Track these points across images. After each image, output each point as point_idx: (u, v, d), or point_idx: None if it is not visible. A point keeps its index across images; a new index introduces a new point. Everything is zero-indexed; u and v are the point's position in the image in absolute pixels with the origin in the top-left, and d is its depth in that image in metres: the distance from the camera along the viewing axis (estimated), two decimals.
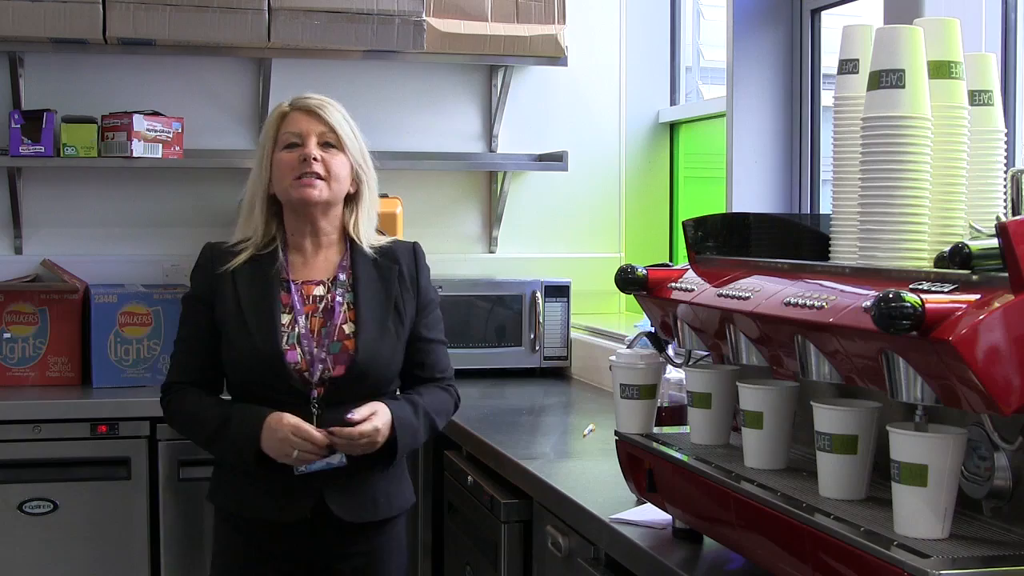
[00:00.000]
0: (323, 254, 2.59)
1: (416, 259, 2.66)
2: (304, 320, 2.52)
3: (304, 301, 2.54)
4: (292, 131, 2.54)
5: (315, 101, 2.57)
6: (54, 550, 3.42)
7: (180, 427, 2.64)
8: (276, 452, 2.42)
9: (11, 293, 3.72)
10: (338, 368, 2.50)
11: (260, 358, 2.48)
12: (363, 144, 2.61)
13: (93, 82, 3.98)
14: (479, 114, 4.32)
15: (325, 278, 2.57)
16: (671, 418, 2.63)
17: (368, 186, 2.61)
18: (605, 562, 2.23)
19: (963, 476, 1.57)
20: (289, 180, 2.51)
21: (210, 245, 2.63)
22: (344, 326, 2.52)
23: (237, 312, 2.52)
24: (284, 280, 2.54)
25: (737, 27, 3.47)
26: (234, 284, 2.54)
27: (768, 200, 3.50)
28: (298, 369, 2.48)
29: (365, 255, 2.58)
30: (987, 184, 1.79)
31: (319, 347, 2.50)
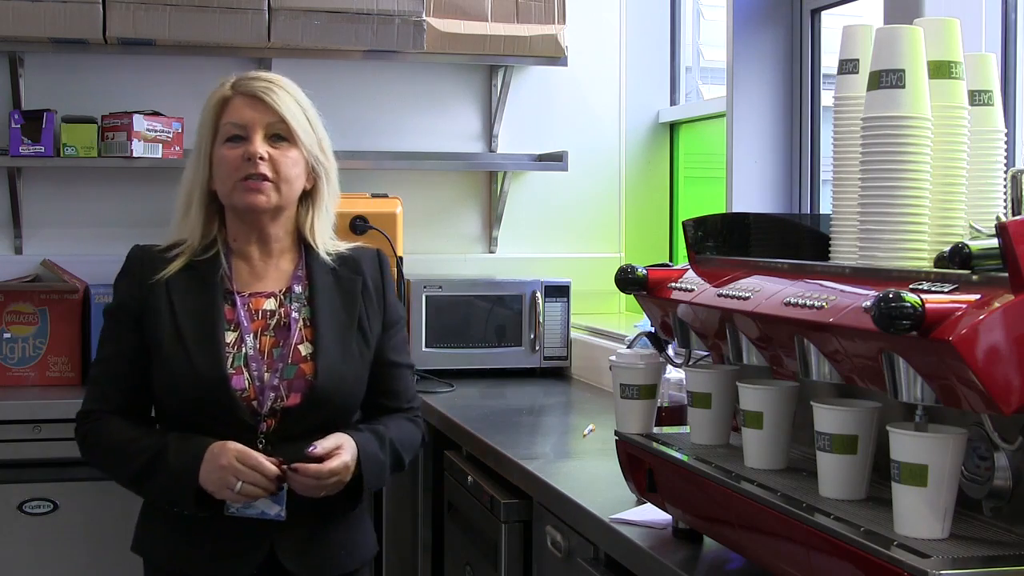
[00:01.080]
0: (273, 262, 2.24)
1: (382, 269, 2.31)
2: (252, 339, 2.15)
3: (252, 316, 2.18)
4: (234, 121, 2.17)
5: (260, 84, 2.20)
6: (54, 550, 3.42)
7: (100, 461, 2.25)
8: (216, 484, 2.05)
9: (11, 293, 3.72)
10: (292, 396, 2.14)
11: (200, 383, 2.11)
12: (320, 133, 2.25)
13: (93, 82, 3.98)
14: (479, 114, 4.32)
15: (277, 289, 2.22)
16: (671, 418, 2.63)
17: (327, 182, 2.25)
18: (605, 562, 2.23)
19: (963, 476, 1.57)
20: (232, 182, 2.16)
21: (139, 248, 2.28)
22: (300, 347, 2.17)
23: (172, 328, 2.15)
24: (228, 291, 2.19)
25: (737, 27, 3.47)
26: (168, 295, 2.17)
27: (768, 200, 3.50)
28: (245, 397, 2.12)
29: (322, 263, 2.24)
30: (987, 184, 1.79)
31: (270, 371, 2.14)
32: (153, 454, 2.13)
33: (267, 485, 2.06)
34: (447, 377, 3.84)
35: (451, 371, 3.89)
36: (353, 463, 2.13)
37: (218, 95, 2.22)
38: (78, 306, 3.75)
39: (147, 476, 2.14)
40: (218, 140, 2.20)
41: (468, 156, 4.30)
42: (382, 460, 2.20)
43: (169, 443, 2.12)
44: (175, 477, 2.10)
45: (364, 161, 4.13)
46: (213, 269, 2.20)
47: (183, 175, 2.28)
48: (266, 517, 2.10)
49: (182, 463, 2.09)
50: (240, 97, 2.20)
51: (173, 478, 2.10)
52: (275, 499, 2.09)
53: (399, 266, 3.70)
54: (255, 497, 2.07)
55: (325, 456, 2.08)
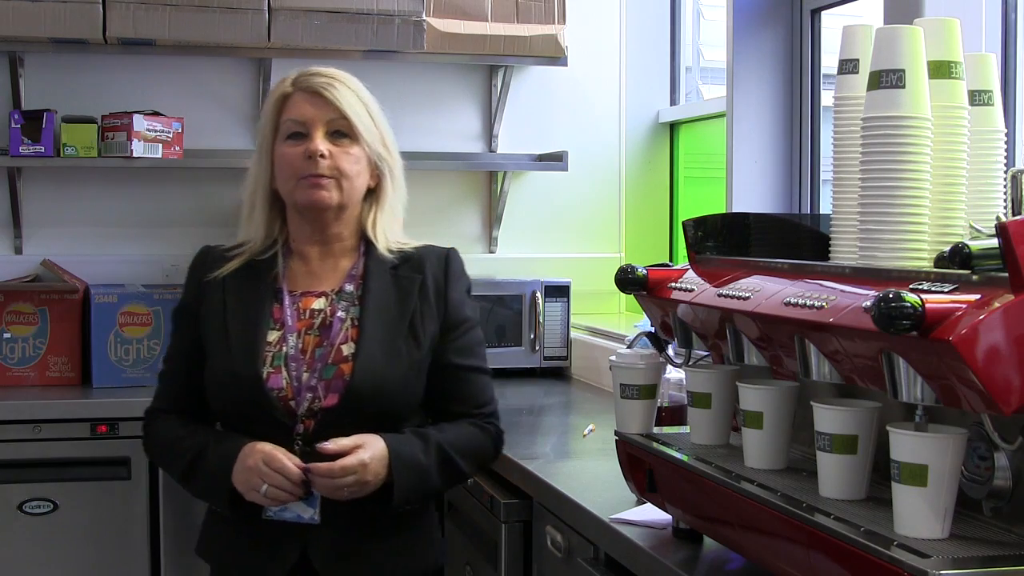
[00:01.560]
0: (332, 261, 2.20)
1: (447, 268, 2.21)
2: (295, 338, 2.11)
3: (299, 316, 2.14)
4: (295, 118, 2.13)
5: (322, 79, 2.15)
6: (54, 550, 3.42)
7: (158, 460, 2.28)
8: (243, 485, 2.03)
9: (11, 293, 3.72)
10: (330, 397, 2.08)
11: (236, 381, 2.09)
12: (383, 129, 2.19)
13: (93, 82, 3.98)
14: (479, 114, 4.32)
15: (329, 289, 2.17)
16: (671, 418, 2.63)
17: (391, 179, 2.21)
18: (605, 562, 2.23)
19: (963, 476, 1.57)
20: (294, 181, 2.12)
21: (206, 248, 2.28)
22: (343, 346, 2.11)
23: (220, 326, 2.14)
24: (278, 290, 2.16)
25: (737, 27, 3.47)
26: (223, 294, 2.16)
27: (768, 200, 3.50)
28: (282, 396, 2.08)
29: (382, 262, 2.17)
30: (987, 184, 1.79)
31: (309, 371, 2.09)
32: (196, 453, 2.11)
33: (292, 488, 2.01)
34: None
35: None
36: (376, 463, 2.04)
37: (278, 92, 2.18)
38: (78, 306, 3.75)
39: (191, 475, 2.13)
40: (279, 138, 2.15)
41: (468, 156, 4.30)
42: (422, 464, 2.09)
43: (209, 442, 2.11)
44: (212, 477, 2.08)
45: None
46: (269, 268, 2.18)
47: (247, 174, 2.23)
48: (301, 520, 2.06)
49: (218, 463, 2.07)
50: (300, 93, 2.15)
51: (210, 478, 2.09)
52: (309, 502, 2.06)
53: None
54: (281, 501, 2.03)
55: (336, 452, 2.01)
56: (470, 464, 2.18)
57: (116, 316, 3.68)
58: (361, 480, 2.03)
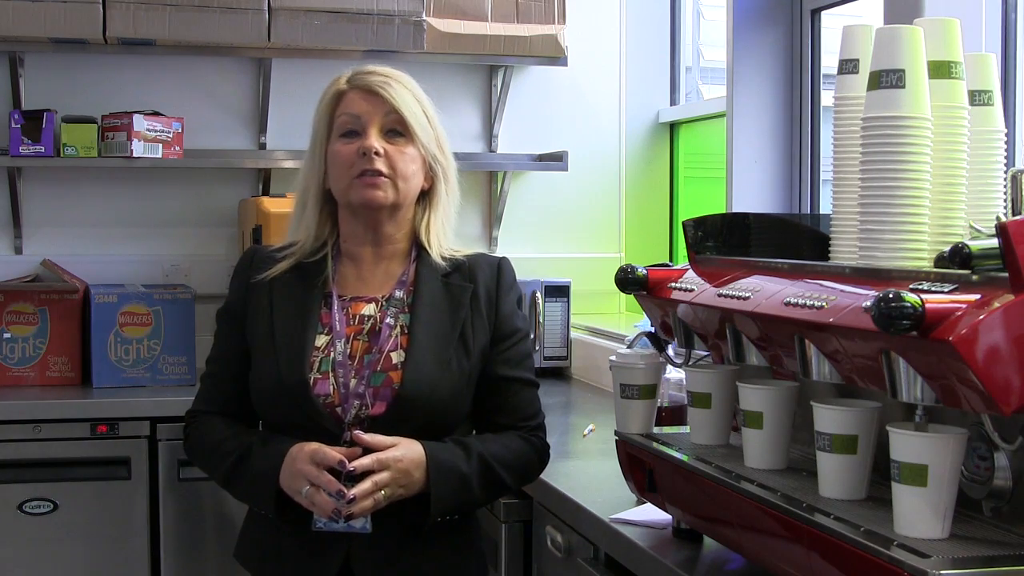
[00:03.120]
0: (384, 265, 2.13)
1: (500, 278, 2.16)
2: (343, 344, 2.05)
3: (349, 321, 2.08)
4: (350, 113, 2.07)
5: (378, 78, 2.09)
6: (54, 550, 3.42)
7: (200, 462, 2.17)
8: (290, 489, 1.96)
9: (11, 293, 3.72)
10: (378, 405, 2.01)
11: (282, 386, 2.03)
12: (439, 130, 2.14)
13: (93, 82, 3.98)
14: (479, 114, 4.32)
15: (380, 295, 2.11)
16: (671, 418, 2.63)
17: (445, 180, 2.17)
18: (605, 562, 2.23)
19: (963, 476, 1.57)
20: (348, 178, 2.05)
21: (253, 249, 2.21)
22: (393, 354, 2.04)
23: (267, 329, 2.07)
24: (327, 294, 2.09)
25: (737, 27, 3.47)
26: (270, 297, 2.10)
27: (768, 200, 3.50)
28: (328, 403, 2.01)
29: (434, 268, 2.12)
30: (987, 184, 1.79)
31: (357, 378, 2.03)
32: (240, 455, 2.05)
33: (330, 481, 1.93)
34: None
35: None
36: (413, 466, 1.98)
37: (333, 90, 2.13)
38: (78, 306, 3.75)
39: (235, 478, 2.06)
40: (333, 135, 2.09)
41: (468, 156, 4.29)
42: (463, 473, 2.01)
43: (255, 444, 2.04)
44: (257, 479, 2.02)
45: None
46: (319, 271, 2.11)
47: (299, 175, 2.16)
48: (352, 530, 1.99)
49: (264, 465, 2.00)
50: (355, 91, 2.10)
51: (255, 480, 2.02)
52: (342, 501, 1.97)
53: None
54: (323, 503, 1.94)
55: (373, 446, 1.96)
56: (513, 477, 2.11)
57: (116, 316, 3.68)
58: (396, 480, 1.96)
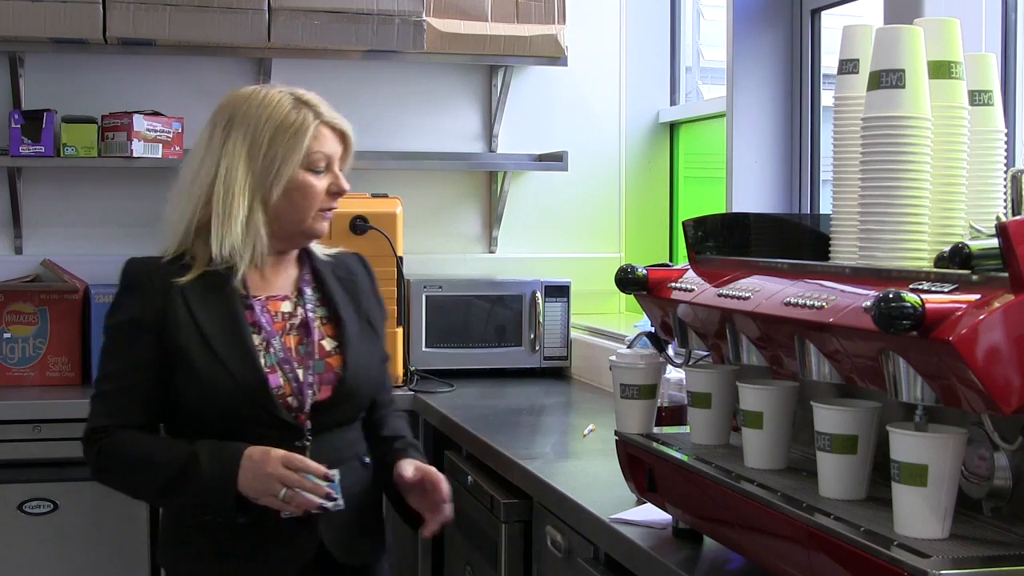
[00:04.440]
0: (281, 269, 2.26)
1: (368, 270, 2.39)
2: (278, 340, 2.18)
3: (273, 318, 2.21)
4: (325, 151, 2.19)
5: (347, 124, 2.24)
6: (54, 550, 3.42)
7: (121, 477, 2.18)
8: (258, 491, 2.04)
9: (11, 293, 3.72)
10: (324, 390, 2.18)
11: (239, 389, 2.11)
12: None
13: (93, 82, 3.98)
14: (479, 114, 4.32)
15: (288, 293, 2.25)
16: (671, 418, 2.63)
17: None
18: (605, 562, 2.23)
19: (963, 476, 1.57)
20: (312, 211, 2.19)
21: (141, 260, 2.21)
22: (323, 342, 2.22)
23: (198, 337, 2.12)
24: (243, 297, 2.18)
25: (737, 27, 3.47)
26: (187, 305, 2.15)
27: (768, 200, 3.50)
28: (282, 395, 2.14)
29: (326, 265, 2.31)
30: (987, 184, 1.79)
31: (303, 368, 2.18)
32: (183, 464, 2.08)
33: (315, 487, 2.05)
34: (447, 377, 3.84)
35: (451, 371, 3.89)
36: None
37: (306, 122, 2.18)
38: (78, 306, 3.75)
39: (179, 486, 2.09)
40: (303, 165, 2.17)
41: (468, 156, 4.30)
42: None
43: (199, 451, 2.08)
44: (211, 485, 2.06)
45: (364, 161, 4.09)
46: (227, 277, 2.17)
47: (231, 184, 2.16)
48: (324, 510, 2.07)
49: (218, 470, 2.06)
50: (328, 129, 2.20)
51: (209, 486, 2.07)
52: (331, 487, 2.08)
53: (399, 266, 3.70)
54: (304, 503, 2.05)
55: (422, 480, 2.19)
56: None
57: None
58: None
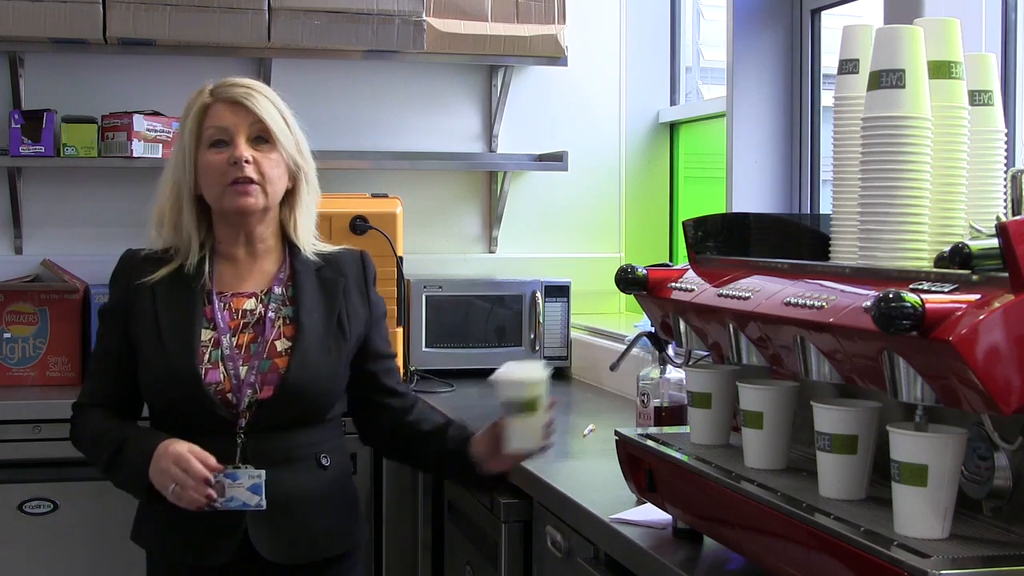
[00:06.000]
0: (258, 264, 2.30)
1: (365, 269, 2.38)
2: (229, 337, 2.22)
3: (232, 315, 2.25)
4: (218, 125, 2.23)
5: (240, 90, 2.26)
6: (54, 550, 3.42)
7: (83, 450, 2.33)
8: (158, 484, 2.12)
9: (11, 293, 3.72)
10: (266, 390, 2.20)
11: (175, 380, 2.19)
12: (298, 135, 2.30)
13: (93, 82, 3.98)
14: (479, 114, 4.32)
15: (258, 290, 2.28)
16: (671, 418, 2.63)
17: (306, 181, 2.32)
18: (605, 562, 2.23)
19: (963, 476, 1.57)
20: (221, 187, 2.22)
21: (129, 252, 2.36)
22: (277, 342, 2.24)
23: (153, 328, 2.23)
24: (208, 292, 2.25)
25: (737, 27, 3.47)
26: (153, 297, 2.25)
27: (768, 200, 3.50)
28: (220, 391, 2.19)
29: (307, 263, 2.31)
30: (987, 184, 1.79)
31: (247, 366, 2.21)
32: (116, 447, 2.19)
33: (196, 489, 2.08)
34: (447, 377, 3.84)
35: (451, 371, 3.89)
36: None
37: (199, 102, 2.28)
38: (78, 306, 3.75)
39: (112, 468, 2.22)
40: (202, 146, 2.26)
41: (468, 156, 4.30)
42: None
43: (129, 437, 2.20)
44: (130, 472, 2.17)
45: (364, 161, 4.13)
46: (198, 272, 2.27)
47: (161, 182, 2.32)
48: (247, 508, 2.15)
49: (136, 459, 2.15)
50: (221, 103, 2.26)
51: (129, 473, 2.18)
52: (254, 490, 2.15)
53: (399, 266, 3.70)
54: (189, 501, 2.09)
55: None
56: None
57: None
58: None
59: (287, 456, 2.22)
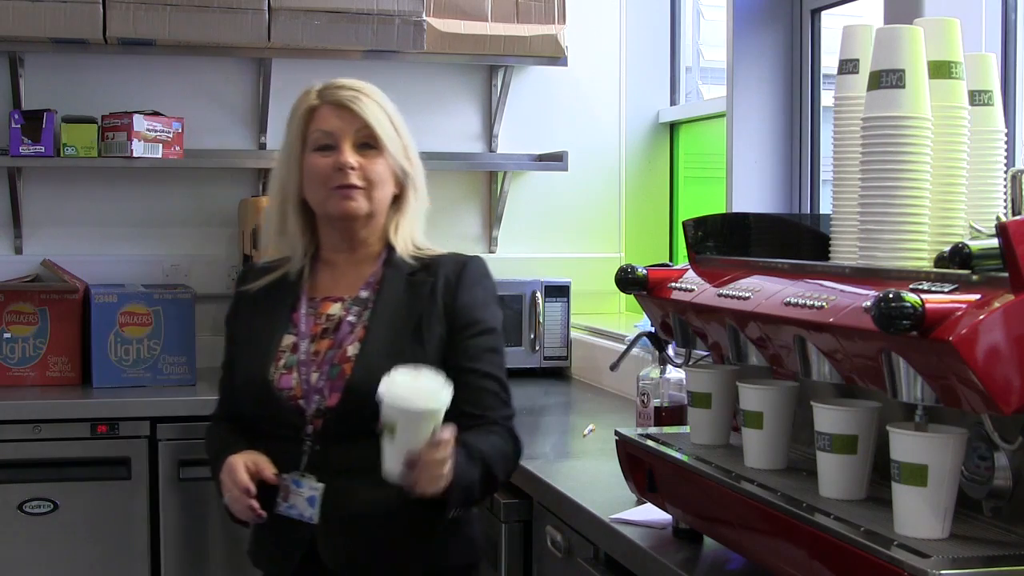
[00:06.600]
0: (356, 268, 2.24)
1: (462, 272, 2.21)
2: (308, 342, 2.17)
3: (317, 320, 2.20)
4: (323, 130, 2.18)
5: (347, 93, 2.21)
6: (54, 550, 3.42)
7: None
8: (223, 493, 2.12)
9: (11, 293, 3.72)
10: (333, 397, 2.12)
11: (249, 383, 2.18)
12: (406, 139, 2.24)
13: (93, 82, 3.98)
14: (479, 114, 4.32)
15: (347, 294, 2.22)
16: (671, 418, 2.63)
17: (413, 186, 2.25)
18: (605, 562, 2.23)
19: (963, 476, 1.57)
20: (325, 191, 2.16)
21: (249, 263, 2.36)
22: (350, 347, 2.15)
23: (245, 335, 2.25)
24: (297, 296, 2.22)
25: (737, 27, 3.47)
26: (253, 304, 2.25)
27: (768, 200, 3.50)
28: (291, 397, 2.14)
29: (400, 268, 2.21)
30: (987, 184, 1.79)
31: (318, 372, 2.14)
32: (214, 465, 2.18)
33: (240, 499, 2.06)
34: None
35: None
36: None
37: (305, 105, 2.22)
38: (78, 306, 3.75)
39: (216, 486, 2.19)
40: (307, 148, 2.19)
41: (468, 156, 4.29)
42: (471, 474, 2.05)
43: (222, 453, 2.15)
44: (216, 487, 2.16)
45: None
46: (298, 276, 2.24)
47: (270, 189, 2.28)
48: (302, 519, 2.11)
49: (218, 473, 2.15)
50: (327, 106, 2.20)
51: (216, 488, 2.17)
52: (310, 502, 2.11)
53: None
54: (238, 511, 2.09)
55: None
56: (502, 470, 2.15)
57: (116, 316, 3.68)
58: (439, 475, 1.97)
59: (358, 467, 2.08)
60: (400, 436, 1.93)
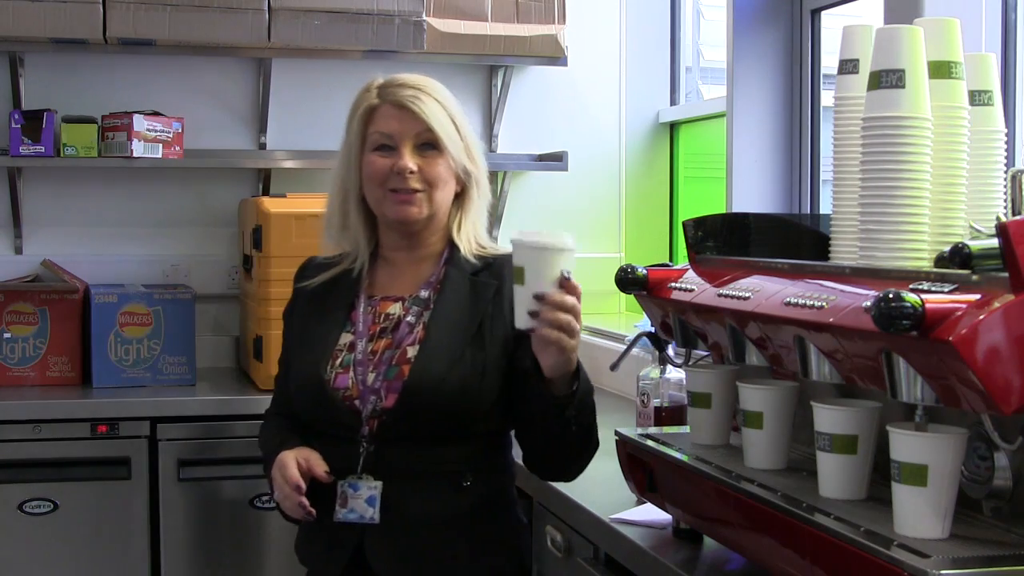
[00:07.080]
0: (416, 267, 2.18)
1: None
2: (365, 342, 2.12)
3: (375, 319, 2.14)
4: (382, 131, 2.13)
5: (408, 92, 2.15)
6: (54, 550, 3.42)
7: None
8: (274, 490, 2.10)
9: (11, 293, 3.72)
10: (390, 398, 2.06)
11: (305, 383, 2.13)
12: (468, 138, 2.19)
13: (93, 82, 3.98)
14: (479, 114, 4.32)
15: (407, 294, 2.16)
16: (671, 418, 2.63)
17: (476, 185, 2.19)
18: (605, 562, 2.23)
19: (963, 476, 1.57)
20: (381, 192, 2.12)
21: (309, 258, 2.29)
22: (409, 348, 2.09)
23: (301, 331, 2.19)
24: (356, 294, 2.17)
25: (737, 27, 3.47)
26: (310, 301, 2.21)
27: (768, 200, 3.50)
28: (347, 396, 2.08)
29: (462, 267, 2.15)
30: (987, 184, 1.79)
31: (375, 373, 2.08)
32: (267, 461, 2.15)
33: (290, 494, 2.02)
34: None
35: None
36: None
37: (365, 104, 2.17)
38: (78, 306, 3.75)
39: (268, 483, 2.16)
40: (367, 147, 2.15)
41: None
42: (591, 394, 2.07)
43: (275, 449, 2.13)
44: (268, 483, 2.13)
45: None
46: (358, 274, 2.19)
47: (331, 187, 2.22)
48: (362, 521, 2.05)
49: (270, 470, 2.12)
50: (387, 106, 2.15)
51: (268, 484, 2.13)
52: (369, 502, 2.06)
53: None
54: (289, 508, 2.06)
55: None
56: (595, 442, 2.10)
57: (116, 316, 3.68)
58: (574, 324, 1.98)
59: (416, 471, 2.06)
60: (529, 280, 1.88)
